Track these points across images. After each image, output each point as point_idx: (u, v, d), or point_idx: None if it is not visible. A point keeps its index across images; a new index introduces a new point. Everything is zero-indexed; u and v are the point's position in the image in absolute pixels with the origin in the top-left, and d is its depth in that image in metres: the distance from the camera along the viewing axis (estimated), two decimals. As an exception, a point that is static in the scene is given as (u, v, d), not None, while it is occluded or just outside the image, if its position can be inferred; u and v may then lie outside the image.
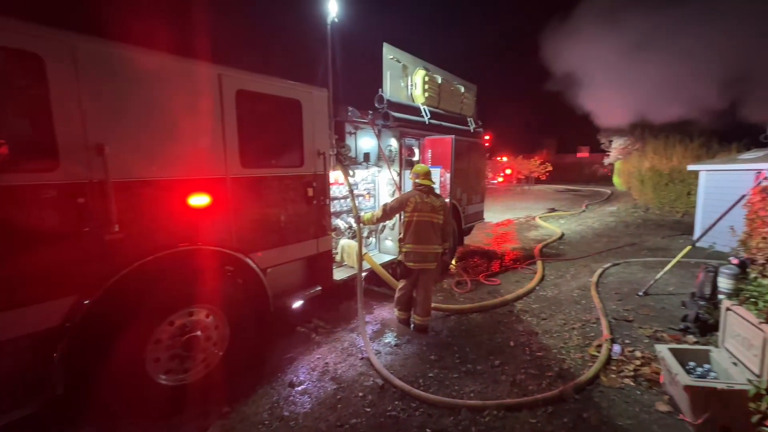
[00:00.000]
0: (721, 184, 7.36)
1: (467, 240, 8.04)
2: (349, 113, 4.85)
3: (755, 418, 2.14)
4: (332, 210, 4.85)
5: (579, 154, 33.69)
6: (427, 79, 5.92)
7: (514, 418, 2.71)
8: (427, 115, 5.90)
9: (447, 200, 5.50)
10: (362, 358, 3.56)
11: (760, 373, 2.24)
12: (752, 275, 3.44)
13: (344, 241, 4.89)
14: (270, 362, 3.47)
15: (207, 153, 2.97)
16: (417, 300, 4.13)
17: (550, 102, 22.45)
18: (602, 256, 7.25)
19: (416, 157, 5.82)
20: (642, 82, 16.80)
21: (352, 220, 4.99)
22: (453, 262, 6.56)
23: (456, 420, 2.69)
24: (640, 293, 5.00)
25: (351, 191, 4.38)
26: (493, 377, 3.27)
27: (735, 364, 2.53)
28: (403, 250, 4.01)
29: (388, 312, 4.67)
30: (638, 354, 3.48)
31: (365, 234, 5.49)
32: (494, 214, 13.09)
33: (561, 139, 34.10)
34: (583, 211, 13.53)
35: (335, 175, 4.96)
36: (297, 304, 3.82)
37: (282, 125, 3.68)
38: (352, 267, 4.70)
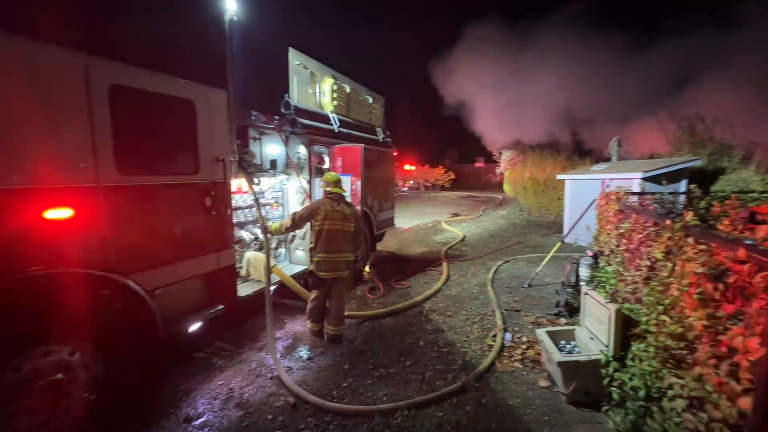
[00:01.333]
0: (580, 190, 8.98)
1: (379, 246, 8.26)
2: (253, 118, 4.60)
3: (606, 381, 2.63)
4: (236, 221, 4.51)
5: (476, 164, 37.67)
6: (335, 87, 5.95)
7: (423, 414, 2.84)
8: (336, 124, 5.93)
9: (358, 208, 5.58)
10: (272, 378, 3.35)
11: (608, 343, 2.77)
12: (602, 264, 4.25)
13: (250, 254, 4.57)
14: (161, 397, 3.03)
15: (69, 158, 2.48)
16: (330, 310, 4.07)
17: (450, 116, 24.66)
18: (496, 255, 8.16)
19: (326, 165, 5.78)
20: (514, 109, 19.76)
21: (258, 231, 4.70)
22: (366, 268, 6.66)
23: (370, 426, 2.71)
24: (525, 285, 5.78)
25: (257, 200, 4.13)
26: (404, 378, 3.39)
27: (592, 338, 3.09)
28: (315, 259, 3.92)
29: (300, 325, 4.50)
30: (525, 339, 4.00)
31: (274, 245, 5.23)
32: (405, 219, 13.75)
33: (461, 150, 37.65)
34: (481, 215, 15.11)
35: (238, 183, 4.63)
36: (194, 327, 3.42)
37: (172, 128, 3.29)
38: (260, 281, 4.41)
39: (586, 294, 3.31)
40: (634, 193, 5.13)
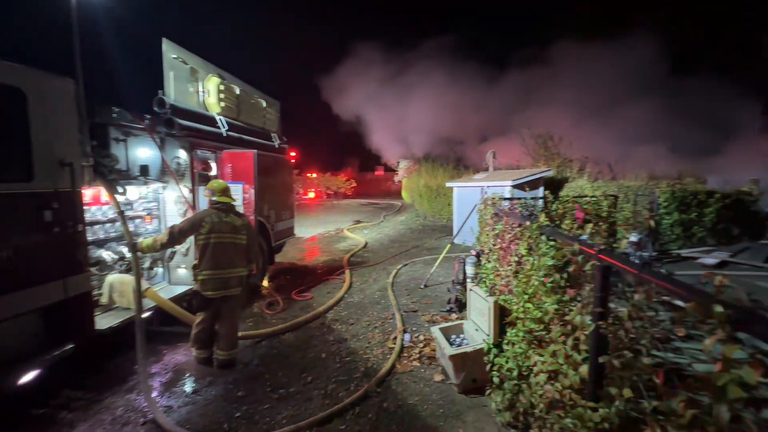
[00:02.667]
0: (465, 196, 10.07)
1: (279, 257, 7.85)
2: (115, 115, 3.89)
3: (488, 367, 2.95)
4: (93, 238, 3.74)
5: (376, 172, 39.13)
6: (222, 87, 5.46)
7: (326, 430, 2.75)
8: (224, 127, 5.43)
9: (252, 218, 5.19)
10: (144, 423, 2.83)
11: (489, 333, 3.12)
12: (483, 262, 4.80)
13: (114, 277, 3.82)
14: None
15: None
16: (220, 333, 3.66)
17: (350, 125, 25.19)
18: (396, 259, 8.54)
19: (213, 172, 5.24)
20: (401, 127, 21.47)
21: (126, 249, 3.97)
22: (264, 282, 6.23)
23: (266, 456, 2.49)
24: (422, 286, 6.16)
25: (121, 212, 3.48)
26: (306, 395, 3.24)
27: (477, 330, 3.44)
28: (200, 278, 3.49)
29: (184, 354, 3.93)
30: (422, 338, 4.24)
31: (147, 264, 4.48)
32: (307, 229, 13.40)
33: (362, 158, 38.61)
34: (382, 221, 15.68)
35: (95, 193, 3.85)
36: (29, 377, 2.68)
37: (-13, 122, 2.55)
38: (129, 308, 3.72)
39: (470, 290, 3.68)
40: (505, 199, 5.96)
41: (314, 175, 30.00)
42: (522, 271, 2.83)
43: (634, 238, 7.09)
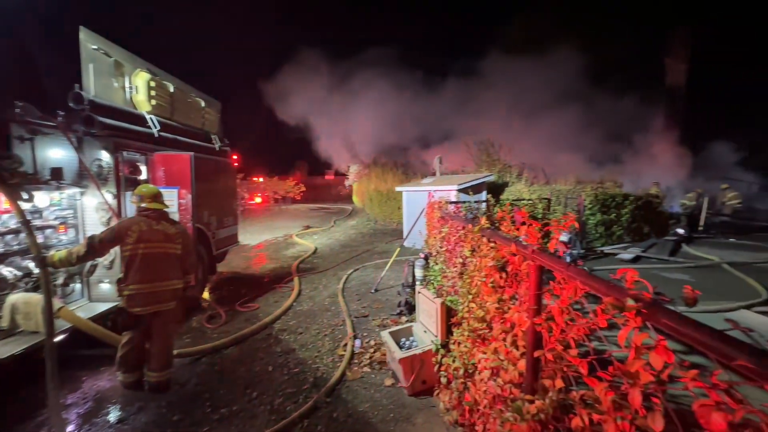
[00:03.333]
0: (414, 200, 10.30)
1: (221, 267, 7.39)
2: (18, 110, 3.39)
3: (436, 368, 3.01)
4: (-12, 252, 3.21)
5: (327, 177, 38.63)
6: (153, 84, 5.03)
7: (272, 448, 2.61)
8: (156, 127, 5.00)
9: (189, 225, 4.83)
10: (56, 463, 2.47)
11: (437, 333, 3.20)
12: (431, 264, 4.93)
13: (17, 297, 3.30)
14: None
15: None
16: (152, 352, 3.32)
17: (296, 131, 24.66)
18: (347, 264, 8.46)
19: (143, 176, 4.79)
20: (347, 133, 21.61)
21: (33, 264, 3.46)
22: (205, 294, 5.82)
23: (205, 484, 2.30)
24: (372, 291, 6.16)
25: (25, 222, 3.02)
26: (250, 412, 3.05)
27: (425, 331, 3.51)
28: (126, 293, 3.14)
29: (108, 380, 3.52)
30: (372, 343, 4.22)
31: (60, 280, 3.95)
32: (253, 235, 12.80)
33: (312, 162, 37.88)
34: (332, 226, 15.48)
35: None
36: None
37: None
38: (37, 331, 3.24)
39: (419, 292, 3.75)
40: (451, 202, 6.19)
41: (261, 179, 28.81)
42: (466, 272, 2.94)
43: (564, 237, 7.73)
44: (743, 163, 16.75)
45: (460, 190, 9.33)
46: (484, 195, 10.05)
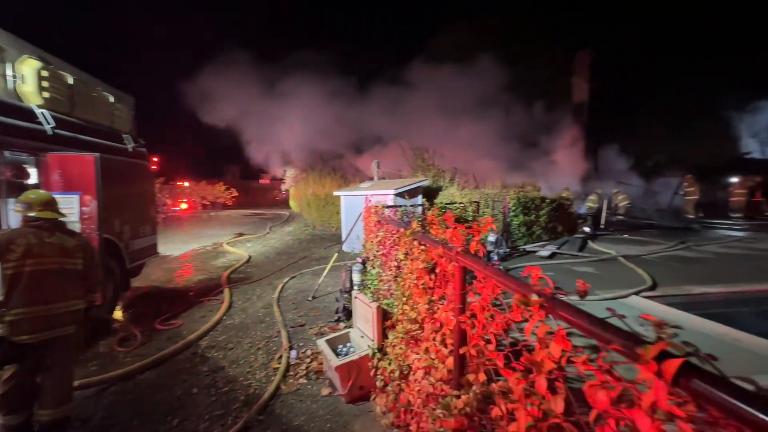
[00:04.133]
0: (352, 205, 10.30)
1: (138, 281, 6.62)
2: None
3: (372, 372, 3.02)
4: None
5: (261, 181, 36.89)
6: (46, 74, 4.35)
7: (195, 479, 2.39)
8: (49, 123, 4.32)
9: (95, 236, 4.24)
10: None
11: (373, 338, 3.21)
12: (369, 268, 4.95)
13: None
14: None
15: None
16: (45, 387, 2.83)
17: (225, 134, 23.20)
18: (283, 272, 8.13)
19: (33, 180, 4.10)
20: (278, 136, 21.08)
21: None
22: (116, 313, 5.16)
23: None
24: (310, 298, 6.00)
25: None
26: (170, 443, 2.76)
27: (362, 337, 3.50)
28: (8, 318, 2.64)
29: (-19, 425, 2.91)
30: (309, 352, 4.10)
31: None
32: (177, 245, 11.70)
33: (245, 165, 35.90)
34: (268, 233, 14.79)
35: None
36: None
37: None
38: None
39: (355, 297, 3.74)
40: (388, 206, 6.30)
41: (187, 183, 26.50)
42: (401, 274, 3.00)
43: (492, 238, 8.27)
44: (632, 169, 19.71)
45: (397, 195, 9.55)
46: (419, 199, 10.41)
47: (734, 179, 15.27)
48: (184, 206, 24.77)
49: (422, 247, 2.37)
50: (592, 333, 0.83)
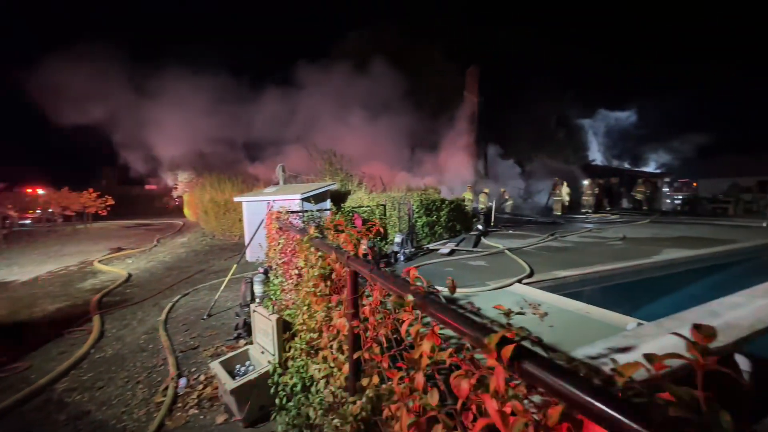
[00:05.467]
0: (255, 211, 9.66)
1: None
2: None
3: (272, 389, 2.84)
4: None
5: (148, 186, 32.17)
6: None
7: None
8: None
9: None
10: None
11: (274, 352, 3.02)
12: (272, 278, 4.67)
13: None
14: None
15: None
16: None
17: (99, 131, 19.64)
18: (174, 289, 7.18)
19: None
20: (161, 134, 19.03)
21: None
22: None
23: None
24: (205, 317, 5.40)
25: None
26: None
27: (263, 352, 3.27)
28: None
29: None
30: (202, 378, 3.67)
31: None
32: (27, 267, 9.42)
33: (124, 169, 30.83)
34: (155, 245, 12.94)
35: None
36: None
37: None
38: None
39: (254, 311, 3.48)
40: (292, 212, 6.06)
41: (41, 191, 21.59)
42: (301, 283, 2.89)
43: (398, 238, 8.61)
44: (516, 172, 22.81)
45: (303, 199, 9.29)
46: (327, 203, 10.31)
47: (584, 181, 18.80)
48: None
49: (319, 254, 2.31)
50: (454, 327, 0.89)
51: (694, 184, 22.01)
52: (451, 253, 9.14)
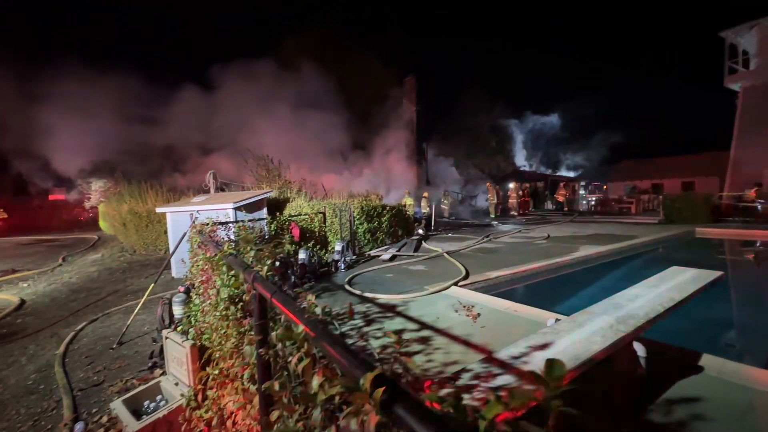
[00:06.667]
0: (180, 223, 8.84)
1: None
2: None
3: (184, 426, 2.54)
4: None
5: (53, 196, 28.00)
6: None
7: None
8: None
9: None
10: None
11: (189, 383, 2.71)
12: (194, 298, 4.25)
13: None
14: None
15: None
16: None
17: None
18: (78, 316, 6.25)
19: None
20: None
21: None
22: None
23: None
24: (115, 345, 4.75)
25: None
26: None
27: (177, 384, 2.93)
28: None
29: None
30: (104, 420, 3.18)
31: None
32: None
33: (20, 177, 26.51)
34: (59, 265, 11.25)
35: None
36: None
37: None
38: None
39: (166, 338, 3.11)
40: (220, 223, 5.61)
41: None
42: (219, 304, 2.63)
43: (338, 246, 8.46)
44: (453, 177, 23.92)
45: (236, 209, 8.72)
46: (264, 212, 9.81)
47: (510, 185, 20.29)
48: None
49: (232, 272, 2.11)
50: (338, 362, 0.81)
51: (605, 187, 24.90)
52: (393, 258, 9.21)
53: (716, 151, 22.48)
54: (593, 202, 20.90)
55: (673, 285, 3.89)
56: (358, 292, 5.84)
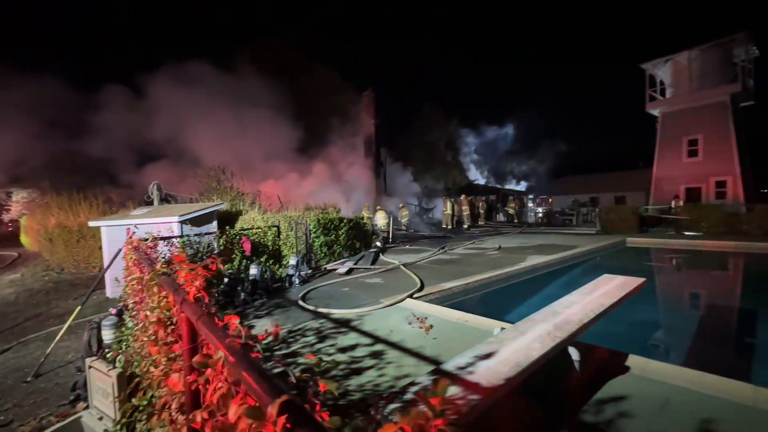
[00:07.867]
0: (118, 238, 8.14)
1: None
2: None
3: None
4: None
5: (-36, 209, 24.62)
6: None
7: None
8: None
9: None
10: None
11: (115, 417, 2.46)
12: (127, 321, 3.89)
13: None
14: None
15: None
16: None
17: None
18: (-13, 346, 5.46)
19: None
20: None
21: None
22: None
23: None
24: (30, 378, 4.20)
25: None
26: None
27: (101, 418, 2.64)
28: None
29: None
30: (9, 466, 2.78)
31: None
32: None
33: None
34: (-33, 287, 9.83)
35: None
36: None
37: None
38: None
39: (89, 367, 2.81)
40: (163, 238, 5.25)
41: None
42: (148, 327, 2.43)
43: (293, 260, 8.24)
44: (411, 190, 24.43)
45: (182, 222, 8.21)
46: (214, 225, 9.33)
47: (460, 197, 21.16)
48: None
49: (163, 294, 1.97)
50: (253, 389, 0.78)
51: (550, 200, 26.76)
52: (349, 272, 9.12)
53: (644, 168, 25.14)
54: (540, 214, 22.34)
55: (603, 292, 4.23)
56: (311, 307, 5.69)
